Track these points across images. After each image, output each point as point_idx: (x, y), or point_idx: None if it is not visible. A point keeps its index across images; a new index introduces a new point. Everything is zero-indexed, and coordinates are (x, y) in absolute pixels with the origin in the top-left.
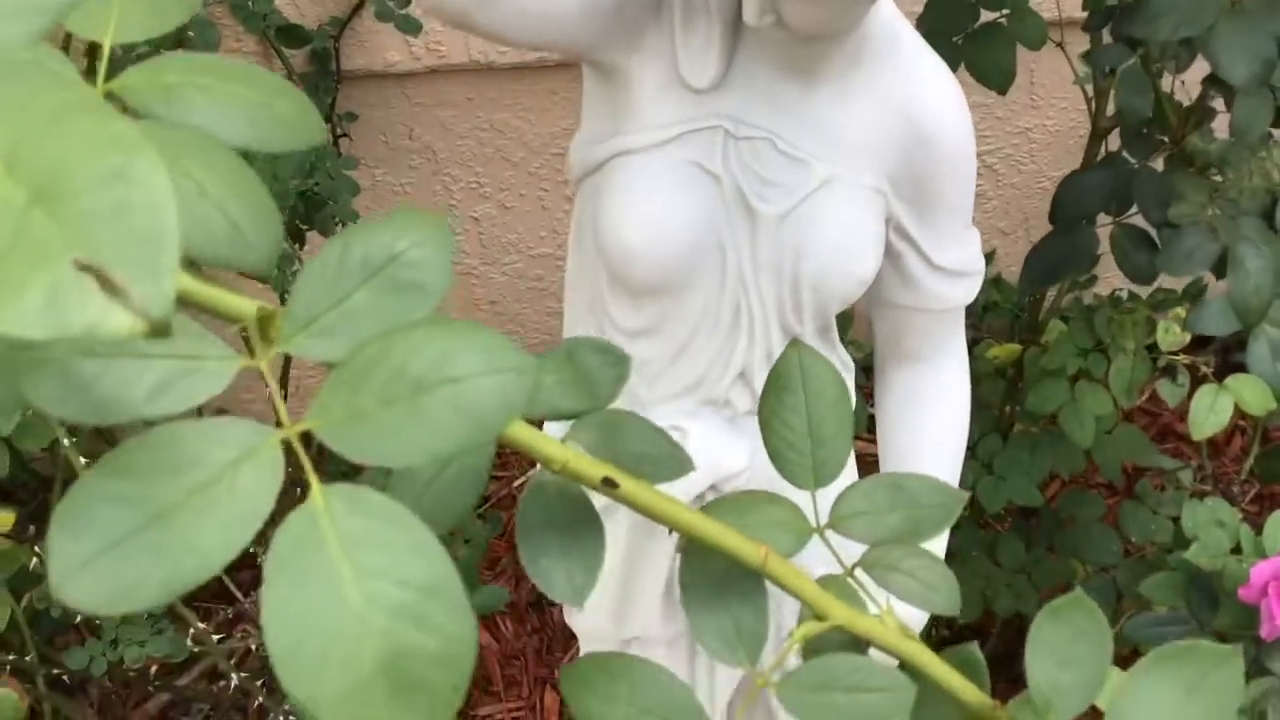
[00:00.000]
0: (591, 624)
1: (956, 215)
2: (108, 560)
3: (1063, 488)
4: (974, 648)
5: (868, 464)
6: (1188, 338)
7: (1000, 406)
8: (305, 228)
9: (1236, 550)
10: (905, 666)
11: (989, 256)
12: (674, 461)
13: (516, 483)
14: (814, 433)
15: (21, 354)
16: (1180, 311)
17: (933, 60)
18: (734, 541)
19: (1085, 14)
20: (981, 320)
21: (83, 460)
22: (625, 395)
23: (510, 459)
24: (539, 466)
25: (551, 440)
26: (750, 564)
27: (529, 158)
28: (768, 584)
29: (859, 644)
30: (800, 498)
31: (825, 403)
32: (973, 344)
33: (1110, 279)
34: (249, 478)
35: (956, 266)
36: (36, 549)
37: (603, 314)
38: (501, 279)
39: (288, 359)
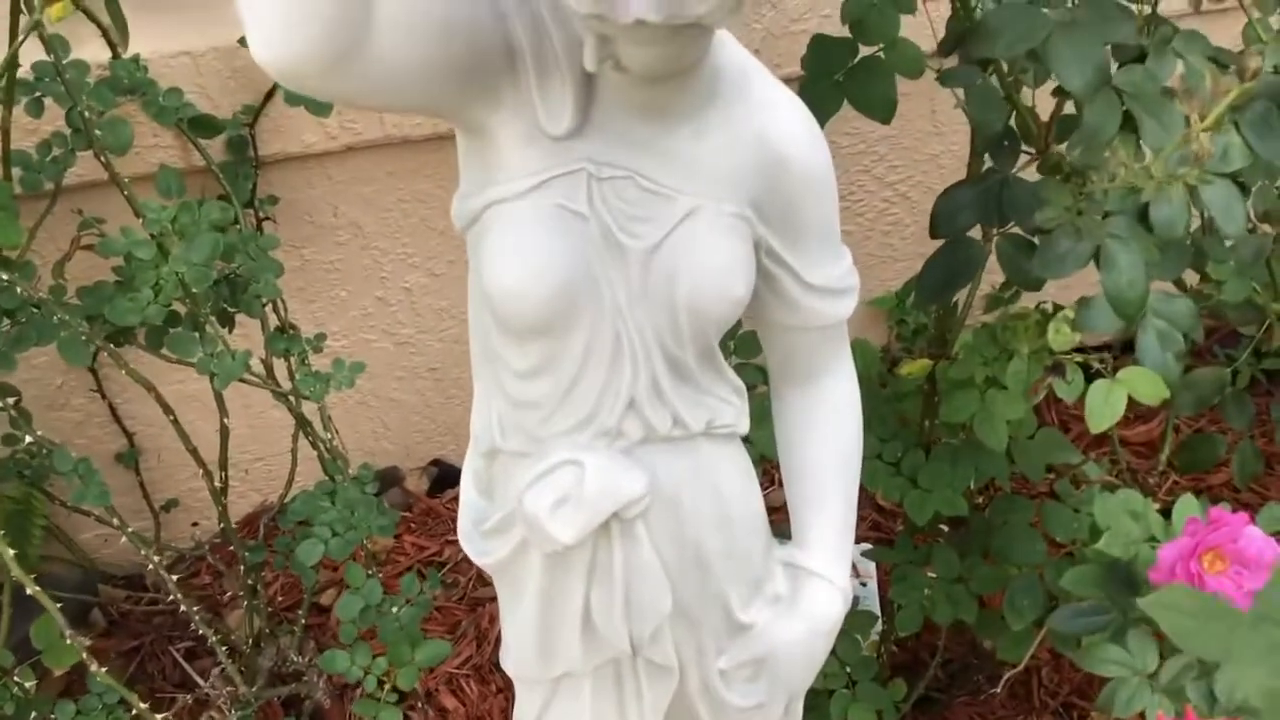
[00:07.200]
0: (520, 668)
1: (823, 234)
2: None
3: (999, 494)
4: None
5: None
6: (1078, 337)
7: (920, 421)
8: (232, 310)
9: (1154, 540)
10: None
11: (912, 283)
12: None
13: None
14: None
15: None
16: (1069, 312)
17: (783, 92)
18: None
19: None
20: (914, 344)
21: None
22: (522, 434)
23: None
24: None
25: None
26: None
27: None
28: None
29: None
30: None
31: None
32: (896, 362)
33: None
34: None
35: (830, 284)
36: None
37: (496, 359)
38: (439, 345)
39: None
